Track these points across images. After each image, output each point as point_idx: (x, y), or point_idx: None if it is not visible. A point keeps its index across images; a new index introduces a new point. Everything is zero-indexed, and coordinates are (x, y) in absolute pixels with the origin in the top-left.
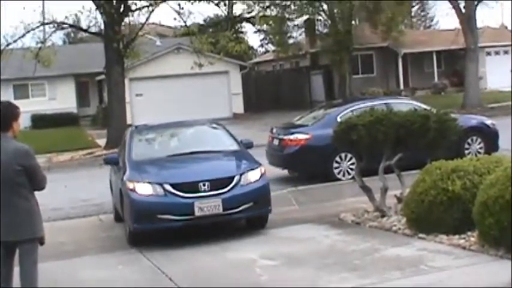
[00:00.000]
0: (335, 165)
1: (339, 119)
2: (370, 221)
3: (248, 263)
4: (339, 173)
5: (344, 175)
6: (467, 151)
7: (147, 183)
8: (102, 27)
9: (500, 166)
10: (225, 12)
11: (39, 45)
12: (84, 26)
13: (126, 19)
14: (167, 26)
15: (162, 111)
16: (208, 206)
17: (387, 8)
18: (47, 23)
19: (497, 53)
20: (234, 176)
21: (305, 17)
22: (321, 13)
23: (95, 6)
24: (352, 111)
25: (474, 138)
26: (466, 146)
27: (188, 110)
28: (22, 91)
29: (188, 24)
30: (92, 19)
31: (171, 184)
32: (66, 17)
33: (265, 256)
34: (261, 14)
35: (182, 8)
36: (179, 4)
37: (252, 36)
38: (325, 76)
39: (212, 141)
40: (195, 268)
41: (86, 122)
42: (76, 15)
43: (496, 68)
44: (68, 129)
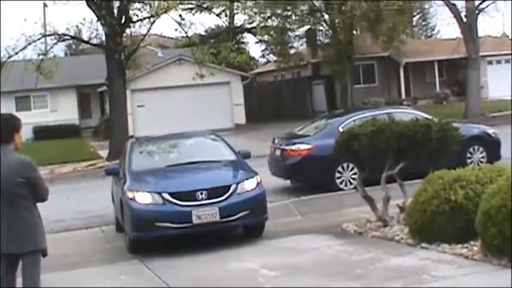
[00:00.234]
0: (337, 175)
1: (341, 129)
2: (372, 231)
3: (250, 273)
4: (341, 183)
5: (346, 185)
6: (469, 160)
7: (147, 192)
8: (103, 38)
9: (502, 175)
10: (226, 22)
11: (40, 57)
12: (85, 38)
13: (127, 30)
14: (168, 37)
15: (164, 122)
16: (205, 214)
17: (388, 18)
18: (49, 35)
19: (498, 62)
20: (231, 185)
21: (306, 27)
22: (322, 23)
23: (96, 17)
24: (354, 121)
25: (476, 147)
26: (468, 155)
27: (190, 121)
28: (24, 103)
29: (189, 35)
30: (93, 30)
31: (170, 193)
32: (67, 29)
33: (267, 266)
34: (262, 25)
35: (183, 19)
36: (180, 15)
37: (254, 46)
38: (326, 86)
39: (210, 151)
40: (197, 278)
41: (88, 134)
42: (77, 26)
43: (498, 77)
44: (70, 140)
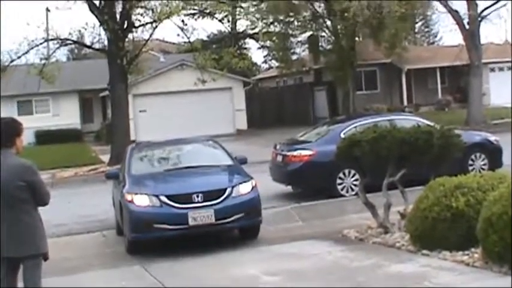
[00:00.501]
0: (338, 181)
1: (343, 135)
2: (373, 237)
3: (251, 279)
4: (343, 189)
5: (347, 191)
6: (471, 167)
7: (145, 194)
8: (105, 43)
9: (504, 183)
10: (229, 28)
11: (43, 61)
12: (88, 42)
13: (129, 35)
14: (171, 42)
15: (166, 127)
16: (201, 216)
17: (391, 24)
18: (51, 39)
19: (501, 69)
20: (226, 188)
21: (308, 33)
22: (325, 29)
23: (99, 22)
24: (355, 127)
25: (478, 154)
26: (470, 163)
27: (191, 126)
28: (26, 107)
29: (192, 40)
30: (96, 35)
31: (167, 196)
32: (70, 33)
33: (268, 272)
34: (265, 30)
35: (186, 24)
36: (183, 20)
37: (256, 52)
38: (328, 92)
39: (207, 157)
40: (198, 284)
41: (90, 138)
42: (80, 31)
43: (500, 84)
44: (72, 145)
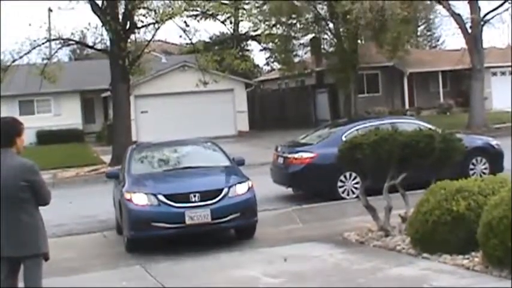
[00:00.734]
0: (339, 184)
1: (344, 138)
2: (374, 240)
3: (252, 281)
4: (344, 192)
5: (348, 194)
6: (472, 171)
7: (143, 194)
8: (108, 44)
9: (505, 187)
10: (231, 30)
11: (45, 61)
12: (90, 43)
13: (132, 36)
14: (173, 44)
15: (167, 128)
16: (198, 216)
17: (393, 28)
18: (53, 39)
19: (503, 74)
20: (223, 189)
21: (311, 36)
22: (327, 32)
23: (101, 23)
24: (357, 130)
25: (479, 158)
26: (471, 166)
27: (193, 128)
28: (27, 107)
29: (194, 41)
30: (98, 36)
31: (165, 195)
32: (72, 34)
33: (268, 273)
34: (267, 32)
35: (188, 26)
36: (185, 21)
37: (258, 54)
38: (330, 95)
39: (205, 157)
40: (199, 285)
41: (91, 139)
42: (82, 31)
43: (502, 89)
44: (73, 145)
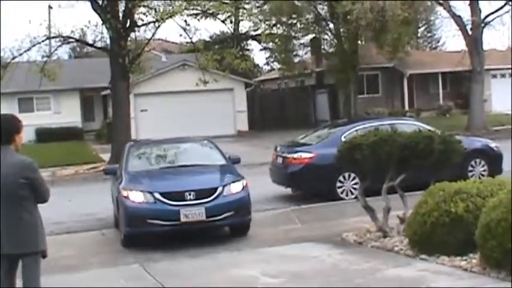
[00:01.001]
0: (338, 184)
1: (343, 139)
2: (372, 241)
3: (250, 280)
4: (342, 193)
5: (347, 194)
6: (470, 173)
7: (139, 191)
8: (108, 42)
9: (503, 189)
10: (231, 29)
11: (44, 58)
12: (90, 41)
13: (132, 34)
14: (173, 42)
15: (167, 127)
16: (192, 213)
17: (393, 29)
18: (53, 37)
19: (503, 76)
20: (217, 187)
21: (311, 36)
22: (327, 32)
23: (101, 21)
24: (356, 130)
25: (478, 160)
26: (470, 168)
27: (192, 127)
28: (27, 104)
29: (194, 40)
30: (98, 34)
31: (160, 193)
32: (72, 31)
33: (267, 273)
34: (267, 32)
35: (188, 25)
36: (185, 20)
37: (258, 54)
38: (330, 95)
39: (202, 156)
40: (198, 284)
41: (90, 137)
42: (82, 29)
43: (502, 91)
44: (72, 143)
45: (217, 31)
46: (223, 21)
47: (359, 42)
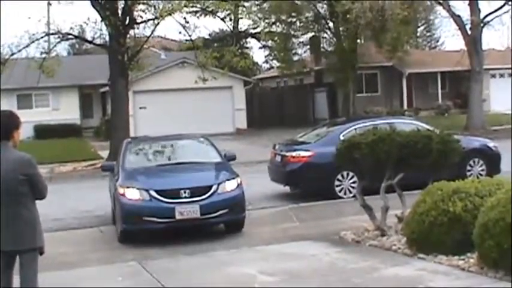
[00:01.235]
0: (337, 183)
1: (342, 137)
2: (370, 240)
3: (248, 279)
4: (341, 191)
5: (345, 193)
6: (469, 173)
7: (136, 189)
8: (107, 39)
9: (501, 188)
10: (231, 27)
11: (43, 55)
12: (89, 38)
13: (131, 31)
14: (172, 40)
15: (165, 124)
16: (187, 211)
17: (393, 28)
18: (52, 34)
19: (501, 76)
20: (212, 185)
21: (310, 35)
22: (327, 31)
23: (100, 18)
24: (355, 129)
25: (476, 160)
26: (468, 168)
27: (191, 124)
28: (26, 101)
29: (193, 38)
30: (97, 31)
31: (156, 190)
32: (71, 28)
33: (265, 271)
34: (267, 30)
35: (188, 22)
36: (185, 18)
37: (257, 52)
38: (329, 94)
39: (198, 153)
40: (195, 282)
41: (89, 134)
42: (81, 26)
43: (500, 91)
44: (71, 140)
45: (216, 29)
46: (222, 19)
47: (358, 41)
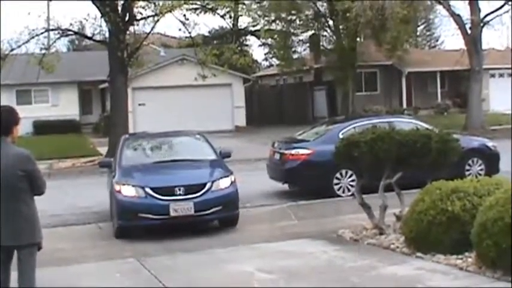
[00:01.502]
0: (335, 181)
1: (341, 136)
2: (368, 238)
3: (246, 276)
4: (339, 190)
5: (344, 192)
6: (467, 172)
7: (131, 186)
8: (106, 35)
9: (500, 188)
10: (230, 24)
11: (43, 51)
12: (88, 34)
13: (131, 28)
14: (172, 37)
15: (164, 121)
16: (181, 208)
17: (392, 26)
18: (52, 30)
19: (501, 75)
20: (206, 183)
21: (310, 33)
22: (326, 29)
23: (100, 14)
24: (354, 128)
25: (475, 159)
26: (467, 167)
27: (190, 121)
28: (25, 97)
29: (193, 35)
30: (97, 27)
31: (151, 188)
32: (71, 24)
33: (263, 269)
34: (266, 28)
35: (187, 19)
36: (184, 15)
37: (257, 49)
38: (328, 92)
39: (193, 150)
40: (193, 279)
41: (88, 130)
42: (81, 22)
43: (500, 91)
44: (70, 136)
45: (216, 26)
46: (222, 16)
47: (358, 39)
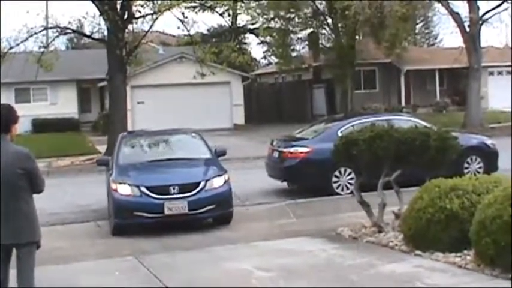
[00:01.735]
0: (334, 179)
1: (340, 134)
2: (367, 236)
3: (244, 274)
4: (338, 188)
5: (343, 189)
6: (466, 170)
7: (127, 184)
8: (105, 33)
9: (499, 186)
10: (229, 22)
11: (41, 49)
12: (87, 32)
13: (129, 26)
14: (170, 35)
15: (163, 119)
16: (176, 207)
17: (391, 24)
18: (50, 28)
19: (500, 73)
20: (200, 182)
21: (309, 31)
22: (325, 27)
23: (99, 12)
24: (353, 126)
25: (474, 157)
26: (466, 165)
27: (189, 119)
28: (23, 95)
29: (192, 33)
30: (96, 25)
31: (146, 186)
32: (69, 22)
33: (261, 267)
34: (265, 26)
35: (186, 17)
36: (183, 13)
37: (256, 47)
38: (327, 90)
39: (188, 149)
40: (192, 277)
41: (87, 128)
42: (79, 20)
43: (499, 88)
44: (69, 134)
45: (215, 24)
46: (221, 14)
47: (357, 37)
